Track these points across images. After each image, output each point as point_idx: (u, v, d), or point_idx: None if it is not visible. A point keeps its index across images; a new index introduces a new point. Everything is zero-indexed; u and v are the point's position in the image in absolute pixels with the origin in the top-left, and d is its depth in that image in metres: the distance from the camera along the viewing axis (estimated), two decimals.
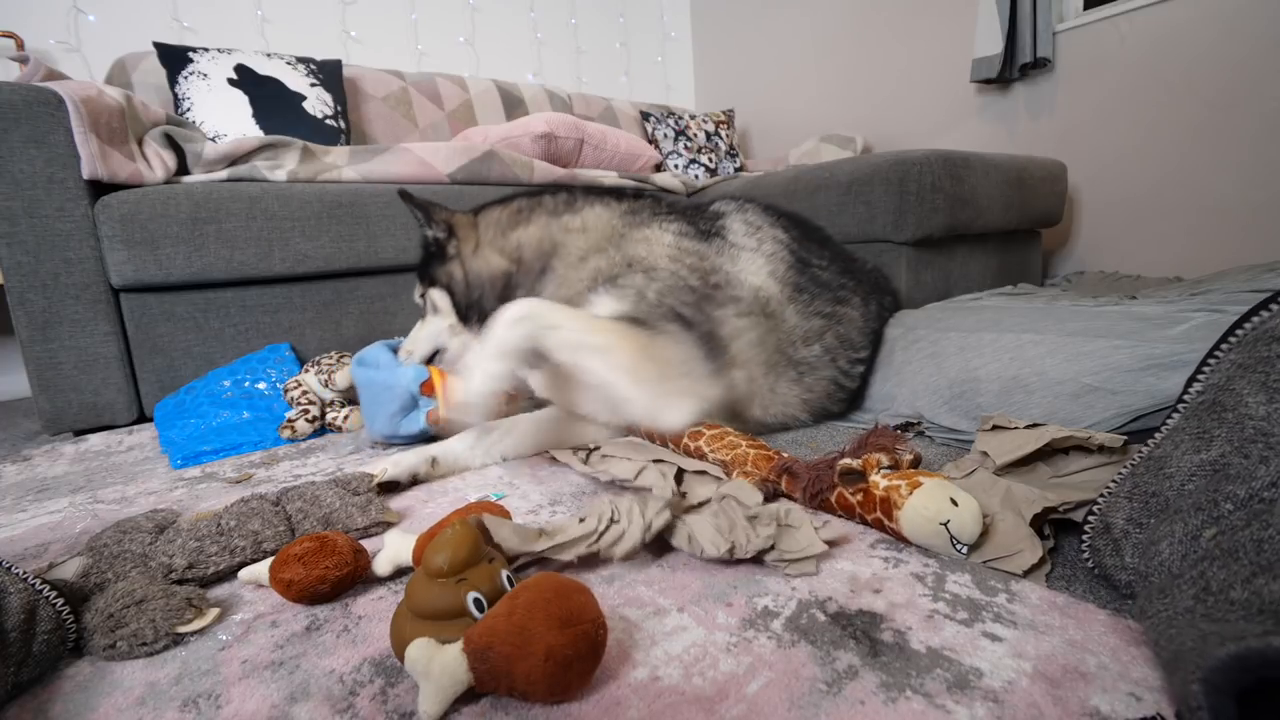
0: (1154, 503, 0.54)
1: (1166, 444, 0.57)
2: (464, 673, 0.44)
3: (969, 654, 0.49)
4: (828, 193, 1.76)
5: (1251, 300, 1.06)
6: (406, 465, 0.92)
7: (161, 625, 0.55)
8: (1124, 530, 0.55)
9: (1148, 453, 0.58)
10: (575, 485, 0.91)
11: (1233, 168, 1.90)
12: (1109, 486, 0.59)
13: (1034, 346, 1.00)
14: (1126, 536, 0.55)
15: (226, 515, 0.71)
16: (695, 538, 0.64)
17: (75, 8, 2.03)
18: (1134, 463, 0.59)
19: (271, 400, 1.31)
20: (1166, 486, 0.54)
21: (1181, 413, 0.57)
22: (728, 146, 2.84)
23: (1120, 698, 0.43)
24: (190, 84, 1.82)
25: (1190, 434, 0.55)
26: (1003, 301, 1.42)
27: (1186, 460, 0.53)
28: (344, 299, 1.59)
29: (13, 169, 1.22)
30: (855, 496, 0.71)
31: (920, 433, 1.07)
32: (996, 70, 2.24)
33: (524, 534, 0.64)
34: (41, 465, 1.17)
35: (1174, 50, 1.98)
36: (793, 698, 0.45)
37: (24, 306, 1.26)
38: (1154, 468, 0.56)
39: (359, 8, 2.54)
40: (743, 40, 3.33)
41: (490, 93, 2.53)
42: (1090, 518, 0.59)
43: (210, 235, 1.37)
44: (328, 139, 1.93)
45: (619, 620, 0.55)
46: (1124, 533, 0.55)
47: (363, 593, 0.63)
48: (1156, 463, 0.56)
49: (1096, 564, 0.58)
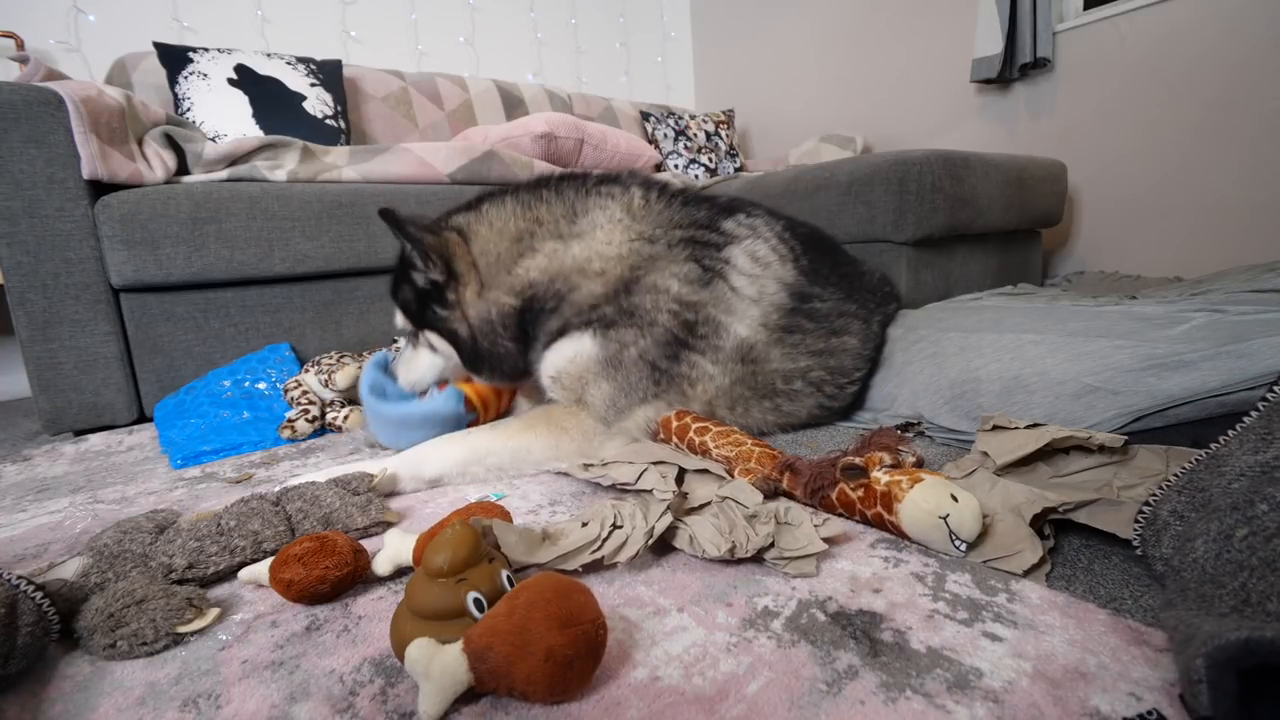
0: (1199, 498, 0.54)
1: (1233, 443, 0.56)
2: (464, 673, 0.44)
3: (969, 654, 0.49)
4: (828, 193, 1.76)
5: (1253, 300, 1.07)
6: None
7: (161, 625, 0.55)
8: (1165, 521, 0.55)
9: (1214, 450, 0.57)
10: (575, 485, 0.91)
11: (1233, 168, 1.90)
12: (1168, 481, 0.59)
13: (1034, 346, 1.00)
14: (1167, 528, 0.55)
15: (226, 515, 0.71)
16: (697, 539, 0.65)
17: (75, 8, 2.03)
18: (1198, 458, 0.58)
19: (271, 400, 1.31)
20: (1215, 484, 0.53)
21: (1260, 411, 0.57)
22: (728, 146, 2.84)
23: (1120, 697, 0.43)
24: (190, 84, 1.82)
25: (1257, 434, 0.54)
26: (1003, 301, 1.43)
27: (1242, 460, 0.53)
28: (344, 299, 1.59)
29: (13, 169, 1.22)
30: (856, 492, 0.71)
31: (921, 433, 1.07)
32: (996, 70, 2.24)
33: (529, 541, 0.64)
34: (41, 465, 1.17)
35: (1174, 50, 1.98)
36: (793, 698, 0.45)
37: (24, 306, 1.26)
38: (1214, 465, 0.56)
39: (359, 8, 2.54)
40: (743, 40, 3.33)
41: (490, 93, 2.53)
42: (1145, 508, 0.59)
43: (210, 235, 1.37)
44: (328, 139, 1.93)
45: (619, 620, 0.55)
46: (1165, 524, 0.55)
47: (363, 593, 0.63)
48: (1218, 460, 0.56)
49: (1144, 553, 0.58)
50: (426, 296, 1.02)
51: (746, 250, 1.08)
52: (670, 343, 1.00)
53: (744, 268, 1.07)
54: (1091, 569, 0.61)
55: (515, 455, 0.94)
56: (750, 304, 1.05)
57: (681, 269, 1.02)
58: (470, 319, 1.01)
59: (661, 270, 1.01)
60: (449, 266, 0.99)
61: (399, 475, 0.90)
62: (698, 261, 1.03)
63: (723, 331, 1.03)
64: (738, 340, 1.04)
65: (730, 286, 1.05)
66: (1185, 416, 0.80)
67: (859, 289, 1.22)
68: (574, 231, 1.02)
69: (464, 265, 1.01)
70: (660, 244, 1.03)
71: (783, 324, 1.07)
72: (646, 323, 0.99)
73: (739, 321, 1.04)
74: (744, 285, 1.06)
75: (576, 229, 1.03)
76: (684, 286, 1.01)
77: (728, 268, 1.06)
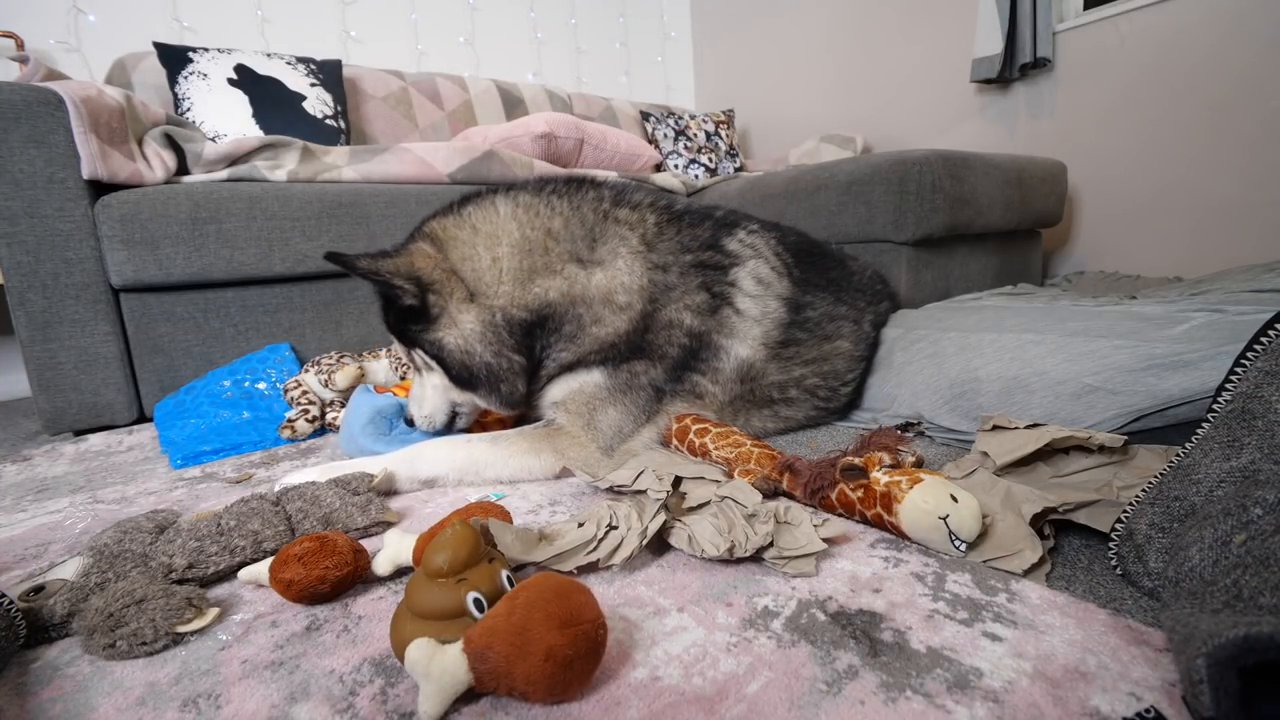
0: (1176, 507, 0.54)
1: (1196, 452, 0.57)
2: (464, 673, 0.44)
3: (969, 654, 0.49)
4: (828, 193, 1.76)
5: (1253, 300, 1.07)
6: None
7: (161, 625, 0.55)
8: (1147, 535, 0.55)
9: (1177, 462, 0.58)
10: (575, 486, 0.91)
11: (1233, 168, 1.90)
12: (1138, 497, 0.59)
13: (1034, 346, 1.00)
14: (1150, 542, 0.55)
15: (226, 515, 0.71)
16: (695, 538, 0.65)
17: (75, 8, 2.03)
18: (1163, 472, 0.59)
19: (271, 400, 1.31)
20: (1193, 492, 0.54)
21: (1211, 422, 0.58)
22: (728, 146, 2.84)
23: (1120, 697, 0.43)
24: (190, 84, 1.82)
25: (1220, 442, 0.55)
26: (1003, 301, 1.42)
27: (1216, 467, 0.53)
28: (344, 299, 1.59)
29: (13, 169, 1.22)
30: (856, 493, 0.71)
31: (921, 433, 1.07)
32: (996, 70, 2.24)
33: (526, 540, 0.64)
34: (41, 465, 1.17)
35: (1174, 50, 1.98)
36: (793, 698, 0.45)
37: (24, 306, 1.26)
38: (1182, 475, 0.56)
39: (359, 8, 2.54)
40: (743, 40, 3.33)
41: (490, 93, 2.53)
42: (1117, 525, 0.60)
43: (210, 235, 1.37)
44: (328, 139, 1.93)
45: (619, 620, 0.55)
46: (1147, 538, 0.55)
47: (363, 593, 0.63)
48: (1184, 470, 0.56)
49: (1124, 571, 0.58)
50: (409, 314, 0.96)
51: (751, 272, 1.08)
52: (676, 367, 1.01)
53: (749, 289, 1.07)
54: (1091, 569, 0.61)
55: (514, 475, 0.93)
56: (753, 324, 1.06)
57: (695, 299, 1.01)
58: (461, 327, 0.95)
59: (676, 303, 1.01)
60: (418, 281, 0.93)
61: (396, 474, 0.90)
62: (708, 290, 1.03)
63: (723, 355, 1.04)
64: (738, 361, 1.05)
65: (735, 309, 1.05)
66: (1185, 416, 0.80)
67: (848, 290, 1.23)
68: (594, 258, 0.99)
69: (440, 274, 0.94)
70: (673, 272, 1.01)
71: (781, 339, 1.08)
72: (659, 356, 1.00)
73: (740, 343, 1.05)
74: (748, 306, 1.06)
75: (596, 255, 0.99)
76: (695, 319, 1.02)
77: (733, 290, 1.06)
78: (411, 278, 0.93)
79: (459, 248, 0.97)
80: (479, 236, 0.97)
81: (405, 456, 0.92)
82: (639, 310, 0.99)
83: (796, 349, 1.10)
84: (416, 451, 0.93)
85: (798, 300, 1.12)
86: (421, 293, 0.94)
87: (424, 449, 0.93)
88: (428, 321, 0.96)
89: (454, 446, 0.94)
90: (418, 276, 0.93)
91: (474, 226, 0.98)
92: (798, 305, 1.11)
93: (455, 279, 0.95)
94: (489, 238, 0.97)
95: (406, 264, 0.94)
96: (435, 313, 0.95)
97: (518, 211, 0.99)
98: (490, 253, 0.97)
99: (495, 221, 0.98)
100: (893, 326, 1.27)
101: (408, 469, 0.91)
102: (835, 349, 1.14)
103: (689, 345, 1.01)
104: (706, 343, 1.03)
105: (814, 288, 1.16)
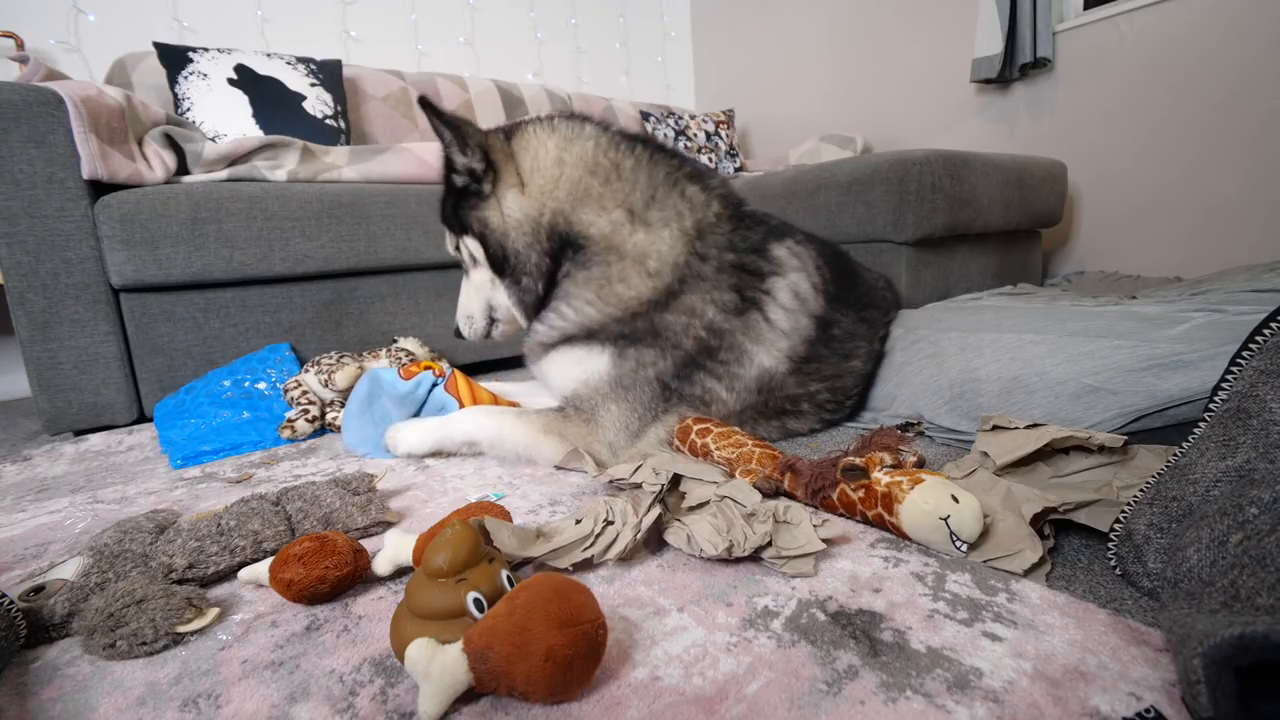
0: (1174, 507, 0.54)
1: (1192, 452, 0.57)
2: (464, 673, 0.44)
3: (969, 654, 0.49)
4: (828, 192, 1.76)
5: (1253, 300, 1.07)
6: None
7: (161, 625, 0.55)
8: (1145, 536, 0.55)
9: (1174, 462, 0.58)
10: (575, 485, 0.91)
11: (1233, 168, 1.91)
12: (1135, 497, 0.59)
13: (1034, 347, 1.00)
14: (1148, 542, 0.55)
15: (226, 515, 0.71)
16: (694, 537, 0.65)
17: (75, 8, 2.03)
18: (1160, 472, 0.59)
19: (271, 400, 1.31)
20: (1190, 492, 0.54)
21: (1208, 421, 0.58)
22: (728, 146, 2.84)
23: (1120, 697, 0.43)
24: (190, 84, 1.82)
25: (1216, 441, 0.55)
26: (1003, 301, 1.43)
27: (1212, 467, 0.53)
28: (344, 299, 1.59)
29: (13, 169, 1.22)
30: (857, 493, 0.71)
31: (921, 433, 1.07)
32: (996, 70, 2.24)
33: (522, 537, 0.64)
34: (41, 465, 1.17)
35: (1174, 50, 1.98)
36: (793, 698, 0.45)
37: (24, 306, 1.26)
38: (1179, 475, 0.56)
39: (359, 8, 2.54)
40: (743, 40, 3.33)
41: (490, 93, 2.53)
42: (1116, 525, 0.60)
43: (210, 235, 1.37)
44: (328, 139, 1.93)
45: (619, 620, 0.55)
46: (1145, 539, 0.55)
47: (363, 593, 0.63)
48: (1181, 471, 0.56)
49: (1123, 572, 0.58)
50: (464, 195, 1.04)
51: (790, 285, 1.07)
52: (687, 364, 1.00)
53: (785, 302, 1.06)
54: (1091, 569, 0.61)
55: (530, 451, 0.99)
56: (781, 336, 1.05)
57: (723, 297, 1.01)
58: (507, 213, 1.02)
59: (703, 294, 1.00)
60: (487, 157, 1.00)
61: (447, 434, 1.04)
62: (739, 291, 1.03)
63: (746, 360, 1.02)
64: (760, 369, 1.03)
65: (765, 317, 1.04)
66: (1185, 416, 0.80)
67: (868, 308, 1.22)
68: (644, 217, 1.01)
69: (503, 159, 1.02)
70: (710, 264, 1.02)
71: (805, 354, 1.07)
72: (671, 345, 0.99)
73: (766, 352, 1.03)
74: (780, 318, 1.05)
75: (648, 216, 1.01)
76: (719, 314, 1.01)
77: (767, 299, 1.05)
78: (484, 148, 1.01)
79: (524, 140, 1.04)
80: (555, 136, 1.04)
81: (453, 419, 1.05)
82: (665, 282, 1.00)
83: (817, 365, 1.08)
84: (461, 415, 1.05)
85: (828, 318, 1.10)
86: (484, 166, 1.01)
87: (466, 414, 1.06)
88: (480, 199, 1.03)
89: (490, 415, 1.04)
90: (489, 150, 1.01)
91: (553, 128, 1.05)
92: (827, 323, 1.10)
93: (513, 168, 1.02)
94: (565, 139, 1.04)
95: (483, 136, 1.02)
96: (487, 190, 1.02)
97: (601, 137, 1.05)
98: (556, 154, 1.02)
99: (578, 131, 1.05)
100: (893, 326, 1.27)
101: (459, 430, 1.04)
102: (850, 367, 1.13)
103: (705, 340, 1.00)
104: (730, 344, 1.01)
105: (843, 305, 1.14)
